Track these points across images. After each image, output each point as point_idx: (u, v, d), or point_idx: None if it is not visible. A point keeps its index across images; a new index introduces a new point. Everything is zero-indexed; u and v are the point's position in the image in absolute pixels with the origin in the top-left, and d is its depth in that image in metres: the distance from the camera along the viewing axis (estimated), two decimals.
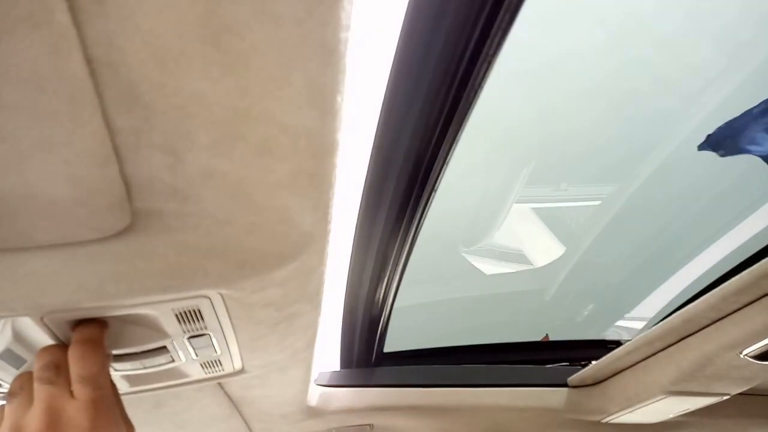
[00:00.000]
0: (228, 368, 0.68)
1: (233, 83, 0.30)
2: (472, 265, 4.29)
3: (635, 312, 3.62)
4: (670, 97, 3.20)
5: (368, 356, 1.31)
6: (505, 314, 3.68)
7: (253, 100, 0.31)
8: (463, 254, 4.28)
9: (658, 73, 3.16)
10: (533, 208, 4.45)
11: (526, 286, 3.98)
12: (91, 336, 0.46)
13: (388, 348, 1.36)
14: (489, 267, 4.45)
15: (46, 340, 0.48)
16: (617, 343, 1.47)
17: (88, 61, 0.27)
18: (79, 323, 0.47)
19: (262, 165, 0.37)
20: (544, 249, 4.41)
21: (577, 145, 3.58)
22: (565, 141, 3.53)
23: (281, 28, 0.27)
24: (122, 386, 0.64)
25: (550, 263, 4.06)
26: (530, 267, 4.40)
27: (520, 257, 4.66)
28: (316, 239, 0.47)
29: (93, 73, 0.28)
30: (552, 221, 4.35)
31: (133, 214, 0.38)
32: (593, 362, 1.28)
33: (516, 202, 4.05)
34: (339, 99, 0.34)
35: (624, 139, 3.46)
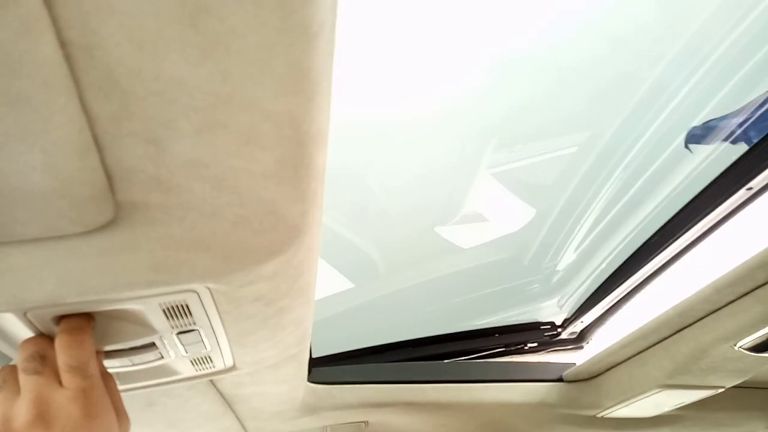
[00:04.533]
0: (219, 365, 0.67)
1: (213, 67, 0.29)
2: (448, 242, 4.25)
3: None
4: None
5: None
6: (486, 287, 3.63)
7: (235, 85, 0.31)
8: (438, 232, 4.24)
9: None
10: (499, 173, 4.40)
11: (503, 255, 3.92)
12: (78, 325, 0.46)
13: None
14: (464, 241, 4.41)
15: (30, 336, 0.47)
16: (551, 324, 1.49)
17: (63, 44, 0.26)
18: (65, 317, 0.46)
19: (246, 154, 0.36)
20: (515, 213, 4.38)
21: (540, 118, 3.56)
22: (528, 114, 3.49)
23: (261, 9, 0.27)
24: None
25: (524, 227, 4.01)
26: (505, 233, 4.36)
27: (493, 225, 4.63)
28: (304, 231, 0.46)
29: (68, 57, 0.27)
30: (521, 183, 4.31)
31: (116, 207, 0.38)
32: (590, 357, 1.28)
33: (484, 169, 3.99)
34: (324, 85, 0.34)
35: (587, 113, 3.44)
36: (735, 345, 0.94)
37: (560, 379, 1.37)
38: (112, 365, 0.57)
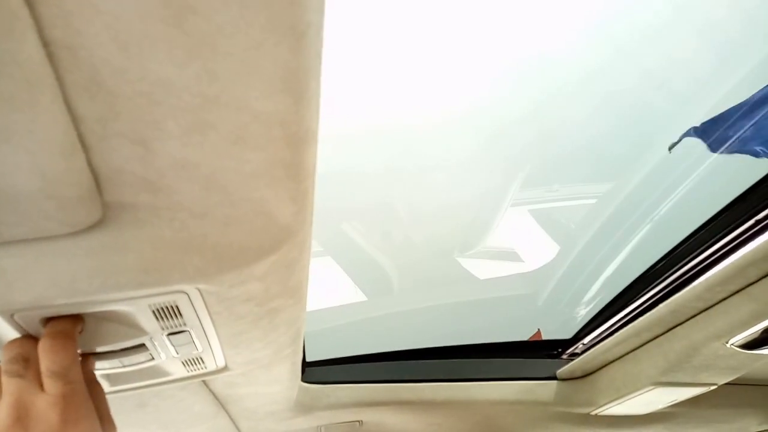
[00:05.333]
0: (210, 366, 0.66)
1: (201, 68, 0.29)
2: (464, 269, 4.31)
3: None
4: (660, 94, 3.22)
5: None
6: (495, 319, 3.67)
7: (222, 85, 0.30)
8: (457, 259, 4.31)
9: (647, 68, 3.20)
10: (528, 211, 4.49)
11: (517, 291, 3.97)
12: (63, 329, 0.45)
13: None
14: (480, 271, 4.47)
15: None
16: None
17: (45, 43, 0.26)
18: (52, 319, 0.46)
19: (235, 155, 0.36)
20: (536, 251, 4.43)
21: (570, 142, 3.61)
22: (558, 138, 3.54)
23: (247, 9, 0.26)
24: (103, 385, 0.62)
25: (542, 266, 4.07)
26: (522, 271, 4.42)
27: (511, 260, 4.69)
28: (295, 231, 0.46)
29: (51, 57, 0.26)
30: (547, 223, 4.38)
31: (104, 208, 0.37)
32: (582, 354, 1.28)
33: (511, 206, 4.06)
34: (313, 85, 0.33)
35: (617, 137, 3.49)
36: (727, 342, 0.95)
37: (554, 377, 1.38)
38: (102, 366, 0.57)
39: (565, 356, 1.44)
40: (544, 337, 2.44)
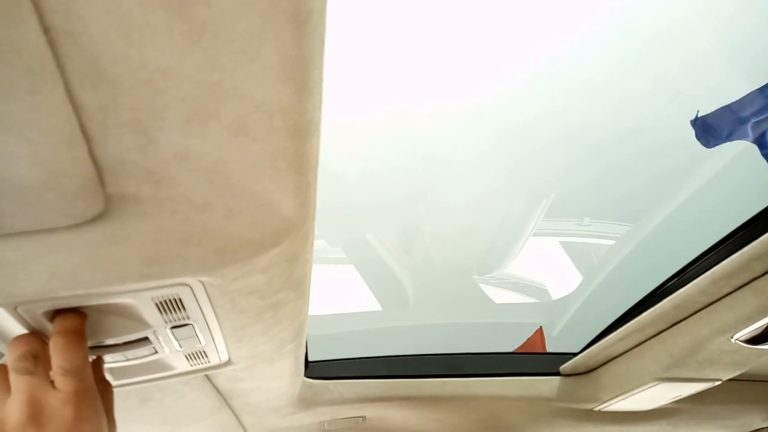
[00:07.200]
0: (214, 360, 0.66)
1: (202, 56, 0.29)
2: (481, 291, 4.33)
3: None
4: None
5: None
6: (508, 346, 3.66)
7: (224, 74, 0.30)
8: (476, 280, 4.32)
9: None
10: (553, 241, 4.49)
11: (533, 319, 3.97)
12: (73, 327, 0.45)
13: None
14: (497, 295, 4.50)
15: (20, 331, 0.47)
16: None
17: (46, 30, 0.25)
18: (57, 313, 0.46)
19: (237, 145, 0.35)
20: (556, 282, 4.44)
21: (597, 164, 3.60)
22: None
23: None
24: (107, 379, 0.63)
25: (561, 297, 4.08)
26: (539, 301, 4.45)
27: (530, 289, 4.70)
28: (298, 225, 0.46)
29: (52, 44, 0.26)
30: (572, 255, 4.38)
31: (106, 199, 0.37)
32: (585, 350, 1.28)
33: (535, 234, 4.05)
34: (316, 74, 0.33)
35: (644, 167, 3.48)
36: (732, 337, 0.94)
37: (557, 373, 1.37)
38: (105, 360, 0.57)
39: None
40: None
